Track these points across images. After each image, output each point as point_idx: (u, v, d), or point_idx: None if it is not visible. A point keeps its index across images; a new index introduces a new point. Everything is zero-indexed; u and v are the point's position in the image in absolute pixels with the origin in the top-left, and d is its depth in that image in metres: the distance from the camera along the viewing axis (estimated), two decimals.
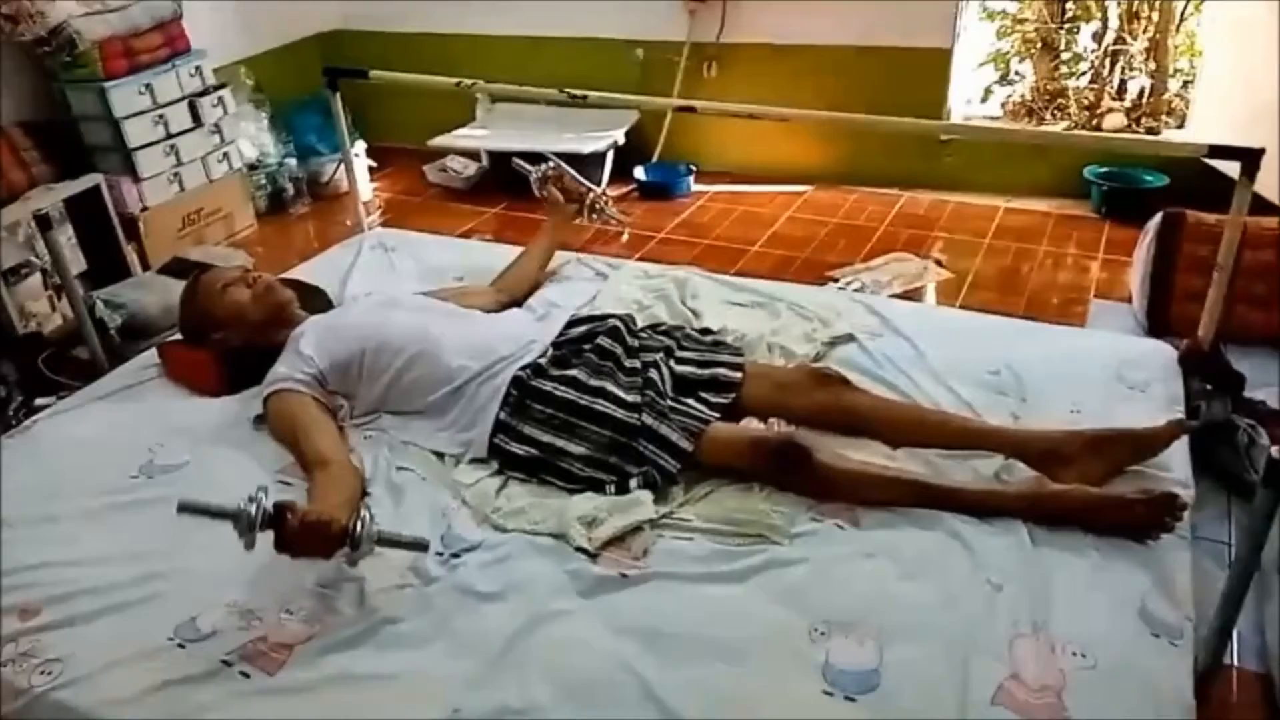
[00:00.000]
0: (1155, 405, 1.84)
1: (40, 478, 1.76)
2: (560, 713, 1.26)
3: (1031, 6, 4.39)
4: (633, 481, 1.64)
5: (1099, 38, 4.27)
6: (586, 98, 2.29)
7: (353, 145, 4.07)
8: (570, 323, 2.02)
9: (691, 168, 4.05)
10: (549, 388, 1.77)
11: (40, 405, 2.34)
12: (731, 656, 1.33)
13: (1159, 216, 2.70)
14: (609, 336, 1.90)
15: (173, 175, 3.38)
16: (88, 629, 1.44)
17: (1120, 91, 4.25)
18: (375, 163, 4.32)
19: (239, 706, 1.29)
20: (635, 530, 1.54)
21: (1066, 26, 4.35)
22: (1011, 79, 4.49)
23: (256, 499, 1.35)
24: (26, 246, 2.44)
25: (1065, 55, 4.38)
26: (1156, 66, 4.15)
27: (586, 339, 1.92)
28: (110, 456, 1.83)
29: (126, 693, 1.32)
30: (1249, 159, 1.79)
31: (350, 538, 1.39)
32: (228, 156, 3.61)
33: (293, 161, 3.98)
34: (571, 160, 3.87)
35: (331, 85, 2.67)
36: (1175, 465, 1.67)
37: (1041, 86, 4.40)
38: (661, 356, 1.88)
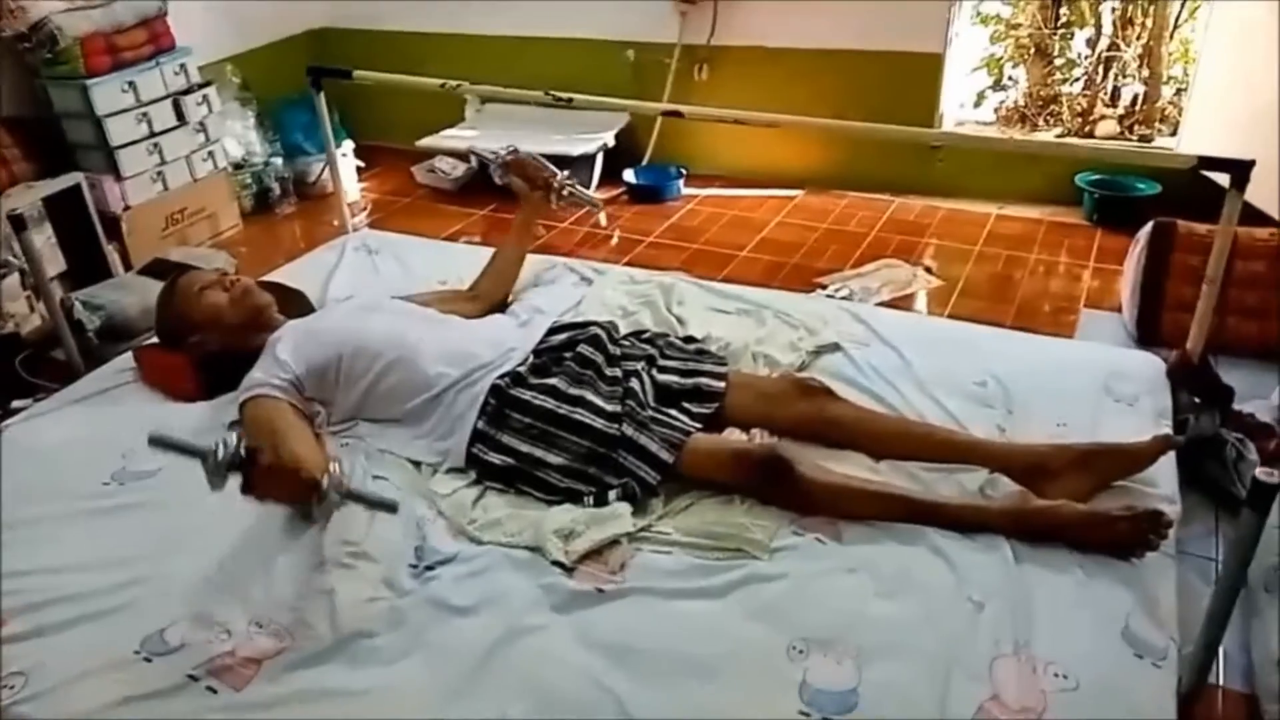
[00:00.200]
0: (1143, 419, 1.83)
1: (10, 484, 1.73)
2: None
3: (1025, 11, 4.37)
4: (611, 493, 1.62)
5: (1093, 44, 4.25)
6: (571, 101, 2.26)
7: (340, 145, 4.06)
8: (551, 330, 1.99)
9: (682, 171, 4.03)
10: (527, 396, 1.74)
11: (17, 408, 2.31)
12: (707, 675, 1.31)
13: (1149, 226, 2.69)
14: (590, 345, 1.87)
15: (156, 174, 3.35)
16: (53, 641, 1.42)
17: (1114, 98, 4.23)
18: (363, 162, 4.30)
19: None
20: (613, 543, 1.52)
21: (1060, 32, 4.33)
22: (1005, 84, 4.47)
23: (227, 440, 1.34)
24: (4, 246, 2.40)
25: (1059, 61, 4.36)
26: (1150, 73, 4.14)
27: (567, 347, 1.89)
28: (83, 462, 1.81)
29: (89, 707, 1.30)
30: (1238, 171, 1.77)
31: (318, 488, 1.39)
32: (212, 155, 3.57)
33: (279, 161, 3.95)
34: (560, 162, 3.86)
35: (315, 85, 2.64)
36: (1162, 480, 1.66)
37: (1035, 92, 4.38)
38: (643, 365, 1.85)
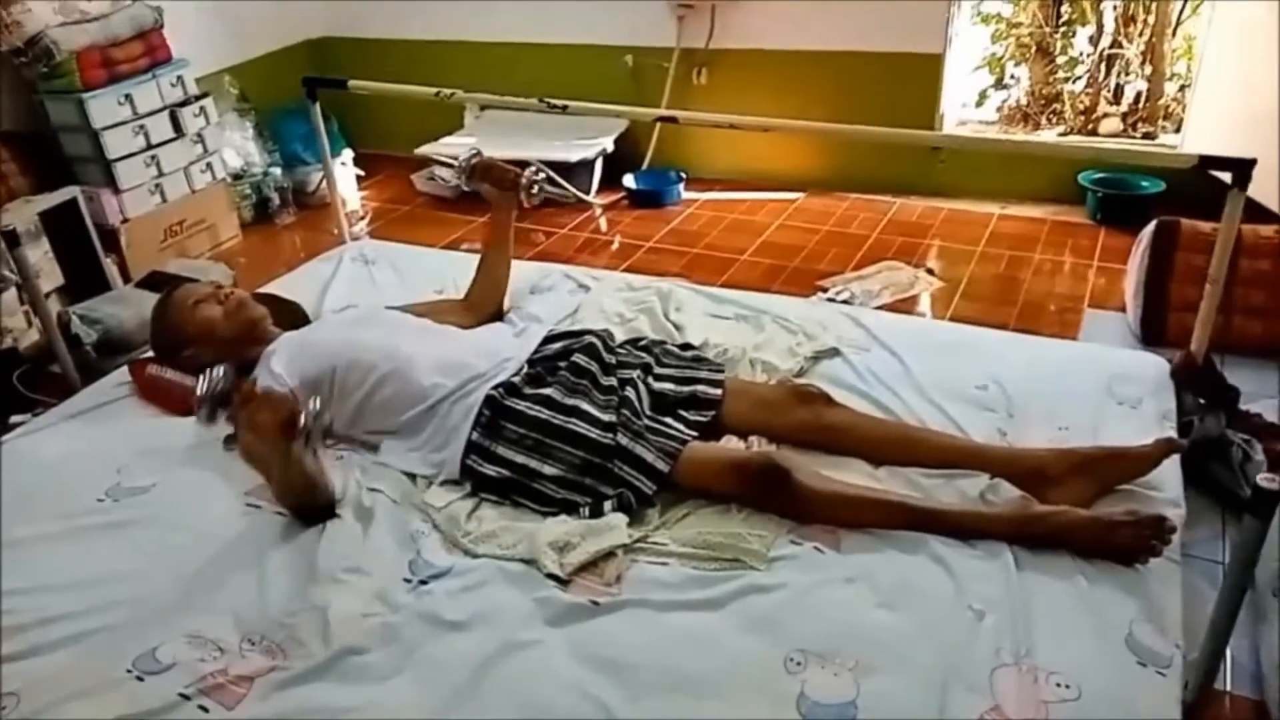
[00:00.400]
0: (1146, 422, 1.80)
1: (5, 500, 1.72)
2: None
3: (1026, 10, 4.35)
4: (607, 504, 1.60)
5: (1095, 41, 4.23)
6: (566, 108, 2.24)
7: (340, 154, 4.06)
8: (547, 339, 1.97)
9: (682, 175, 4.01)
10: (522, 407, 1.73)
11: (15, 423, 2.31)
12: (704, 690, 1.29)
13: (1152, 225, 2.66)
14: (585, 354, 1.86)
15: (154, 186, 3.34)
16: (47, 660, 1.40)
17: (1116, 95, 4.20)
18: (363, 171, 4.29)
19: None
20: (608, 555, 1.50)
21: (1062, 30, 4.30)
22: (1007, 83, 4.45)
23: (213, 372, 1.46)
24: (2, 261, 2.40)
25: (1061, 59, 4.33)
26: (1153, 70, 4.10)
27: (562, 356, 1.88)
28: (77, 478, 1.80)
29: None
30: (1240, 169, 1.74)
31: (297, 419, 1.46)
32: (211, 167, 3.56)
33: (278, 171, 3.93)
34: (560, 168, 3.86)
35: (311, 95, 2.63)
36: (1166, 484, 1.63)
37: (1037, 91, 4.36)
38: (639, 374, 1.83)
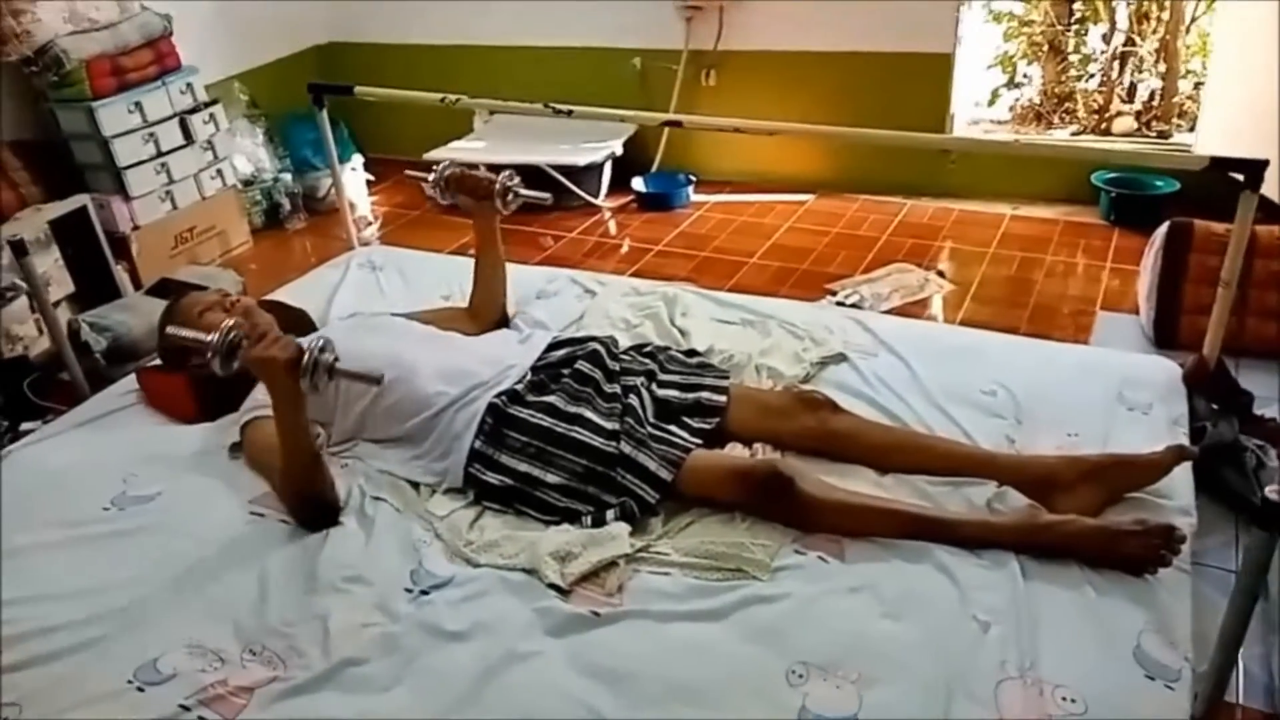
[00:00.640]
0: (1157, 428, 1.78)
1: (12, 509, 1.73)
2: None
3: (1038, 8, 4.31)
4: (609, 513, 1.59)
5: (1108, 39, 4.19)
6: (571, 113, 2.23)
7: (350, 159, 4.06)
8: (551, 345, 1.96)
9: (691, 178, 3.99)
10: (525, 415, 1.72)
11: (26, 430, 2.32)
12: (704, 703, 1.28)
13: (1165, 226, 2.62)
14: (589, 361, 1.85)
15: (164, 193, 3.35)
16: (49, 669, 1.41)
17: (1130, 94, 4.16)
18: (373, 176, 4.30)
19: None
20: (610, 565, 1.49)
21: (1074, 28, 4.26)
22: (1019, 82, 4.42)
23: (223, 325, 1.57)
24: (13, 270, 2.42)
25: (1073, 57, 4.30)
26: (1167, 68, 4.06)
27: (566, 363, 1.87)
28: (83, 487, 1.80)
29: None
30: (1252, 170, 1.72)
31: (302, 361, 1.54)
32: (221, 173, 3.57)
33: (288, 176, 3.95)
34: (568, 171, 3.86)
35: (317, 102, 2.64)
36: (1177, 492, 1.61)
37: (1049, 89, 4.33)
38: (643, 381, 1.82)
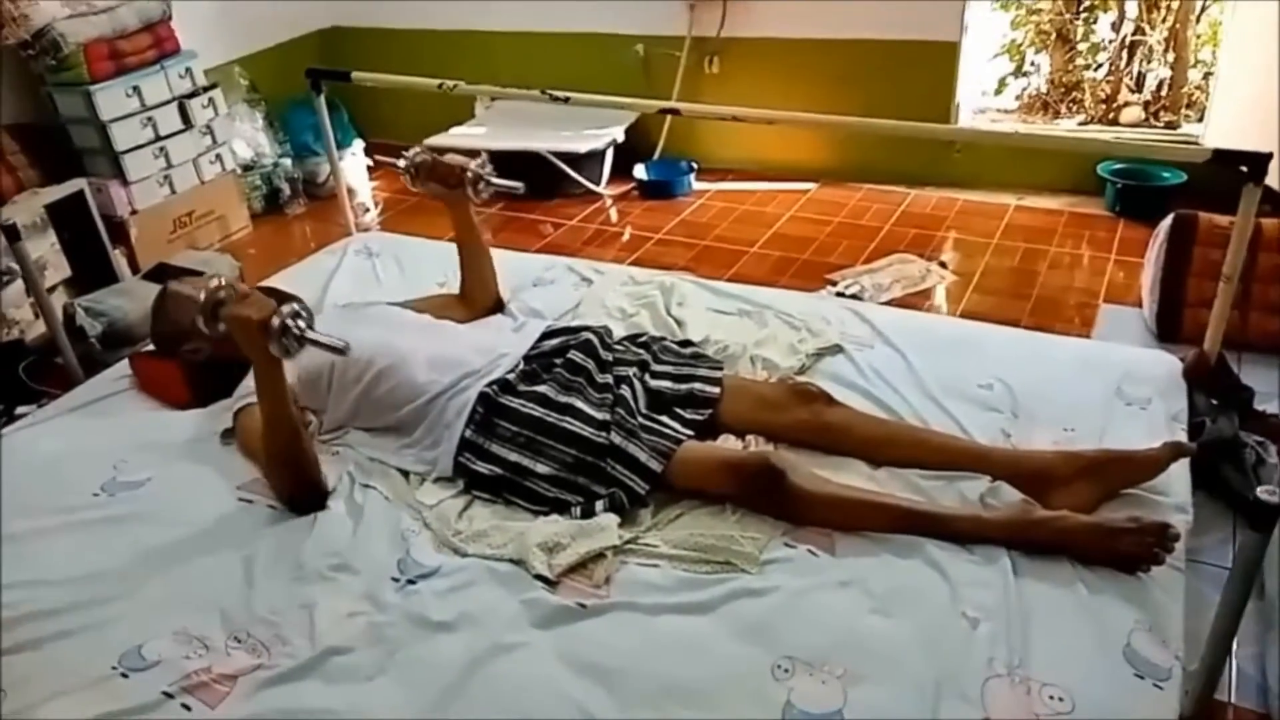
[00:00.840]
0: (1155, 423, 1.75)
1: (3, 494, 1.72)
2: None
3: None
4: (599, 504, 1.57)
5: (1116, 28, 4.14)
6: (568, 100, 2.21)
7: (350, 145, 4.05)
8: (545, 334, 1.95)
9: (693, 165, 3.96)
10: (516, 404, 1.71)
11: (21, 414, 2.32)
12: (689, 697, 1.27)
13: (1169, 218, 2.59)
14: (581, 350, 1.83)
15: (163, 178, 3.34)
16: (35, 656, 1.41)
17: (1138, 83, 4.11)
18: (373, 161, 4.27)
19: None
20: (598, 556, 1.48)
21: (1083, 16, 4.22)
22: (1026, 71, 4.37)
23: (210, 283, 1.58)
24: (9, 253, 2.41)
25: (1082, 46, 4.25)
26: (1176, 58, 4.01)
27: (559, 352, 1.86)
28: (74, 472, 1.79)
29: None
30: (1256, 163, 1.69)
31: (274, 324, 1.52)
32: (220, 158, 3.56)
33: (288, 161, 3.93)
34: (570, 159, 3.83)
35: (315, 87, 2.62)
36: (1174, 488, 1.59)
37: (1057, 79, 4.28)
38: (635, 371, 1.81)
